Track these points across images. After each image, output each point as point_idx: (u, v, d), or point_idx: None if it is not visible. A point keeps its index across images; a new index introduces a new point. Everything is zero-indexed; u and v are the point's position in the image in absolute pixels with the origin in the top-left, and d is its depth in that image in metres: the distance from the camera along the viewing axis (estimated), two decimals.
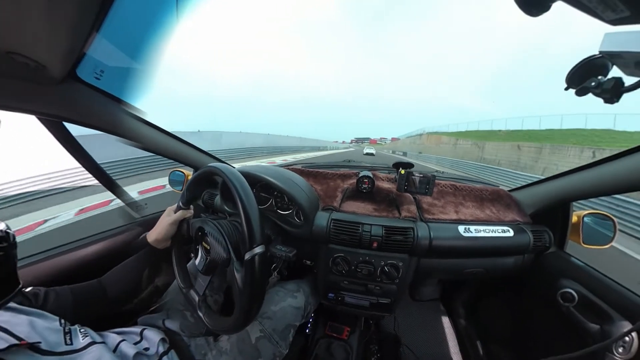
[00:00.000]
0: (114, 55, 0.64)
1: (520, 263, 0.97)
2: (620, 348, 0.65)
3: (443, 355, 1.37)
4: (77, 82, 0.64)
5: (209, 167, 0.71)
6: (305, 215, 0.91)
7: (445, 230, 0.91)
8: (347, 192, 1.10)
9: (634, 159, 0.66)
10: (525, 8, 0.39)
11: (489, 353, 1.24)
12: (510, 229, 0.92)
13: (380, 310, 1.02)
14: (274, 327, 0.83)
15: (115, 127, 0.80)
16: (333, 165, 1.43)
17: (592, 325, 0.74)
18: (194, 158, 1.19)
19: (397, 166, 1.00)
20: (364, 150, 41.17)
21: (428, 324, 1.55)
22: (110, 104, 0.76)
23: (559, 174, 0.95)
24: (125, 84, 0.76)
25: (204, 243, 0.69)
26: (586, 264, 0.88)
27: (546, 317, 0.95)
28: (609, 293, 0.75)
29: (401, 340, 1.38)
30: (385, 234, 0.88)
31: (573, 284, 0.82)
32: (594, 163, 0.79)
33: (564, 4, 0.36)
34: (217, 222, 0.70)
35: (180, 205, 0.80)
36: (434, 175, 0.95)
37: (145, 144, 0.94)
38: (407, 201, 1.03)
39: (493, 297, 1.36)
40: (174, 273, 0.79)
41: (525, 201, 1.06)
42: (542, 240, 0.94)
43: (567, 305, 0.80)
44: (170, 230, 0.77)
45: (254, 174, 0.93)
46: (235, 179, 0.63)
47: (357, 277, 0.95)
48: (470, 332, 1.39)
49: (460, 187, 1.11)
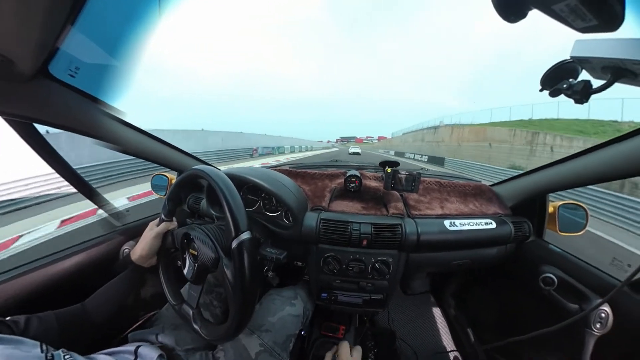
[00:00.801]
0: (91, 50, 0.59)
1: (503, 252, 1.02)
2: (598, 324, 0.70)
3: (437, 345, 1.42)
4: (49, 80, 0.59)
5: (193, 169, 0.68)
6: (294, 216, 0.91)
7: (432, 225, 0.94)
8: (335, 191, 1.11)
9: (601, 154, 0.73)
10: (504, 15, 0.42)
11: (480, 338, 1.30)
12: (492, 221, 0.97)
13: (374, 306, 1.03)
14: (275, 339, 0.79)
15: (91, 128, 0.74)
16: (321, 166, 1.44)
17: (571, 305, 0.79)
18: (177, 161, 1.14)
19: (384, 165, 1.02)
20: (350, 150, 39.15)
21: (421, 316, 1.60)
22: (85, 104, 0.70)
23: (535, 169, 1.01)
24: (102, 82, 0.71)
25: (190, 250, 0.66)
26: (563, 250, 0.94)
27: (530, 301, 1.01)
28: (585, 275, 0.82)
29: (396, 334, 1.41)
30: (374, 231, 0.89)
31: (552, 269, 0.88)
32: (566, 158, 0.85)
33: (539, 12, 0.39)
34: (203, 227, 0.67)
35: (162, 218, 0.76)
36: (419, 173, 0.99)
37: (124, 146, 0.89)
38: (394, 199, 1.05)
39: (480, 285, 1.42)
40: (163, 291, 0.74)
41: (505, 195, 1.12)
42: (522, 230, 0.99)
43: (548, 289, 0.86)
44: (154, 245, 0.72)
45: (240, 175, 0.91)
46: (221, 180, 0.61)
47: (348, 275, 0.95)
48: (461, 320, 1.45)
49: (445, 183, 1.15)
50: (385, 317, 1.51)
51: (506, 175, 2.25)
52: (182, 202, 1.23)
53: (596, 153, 0.74)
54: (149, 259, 0.73)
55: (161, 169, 1.23)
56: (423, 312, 1.62)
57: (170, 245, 0.74)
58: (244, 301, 0.57)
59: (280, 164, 1.37)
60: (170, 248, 0.75)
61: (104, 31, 0.59)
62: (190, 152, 1.21)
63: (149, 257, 0.72)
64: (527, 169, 1.06)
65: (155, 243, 0.73)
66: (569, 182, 0.85)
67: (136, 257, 0.71)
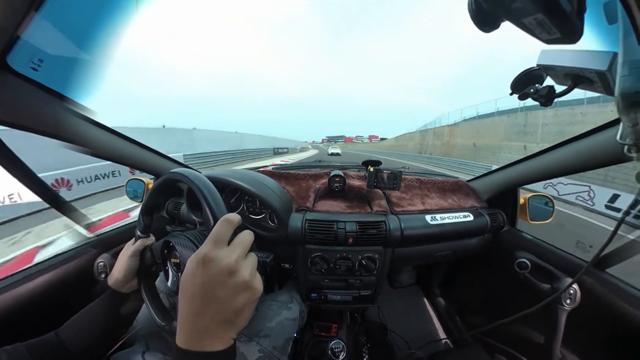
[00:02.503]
0: (57, 41, 0.52)
1: (481, 242, 1.09)
2: (568, 300, 0.78)
3: (428, 333, 1.48)
4: (7, 73, 0.52)
5: (170, 172, 0.63)
6: (279, 218, 0.90)
7: (414, 221, 0.97)
8: (320, 191, 1.11)
9: (561, 151, 0.82)
10: (479, 25, 0.45)
11: (466, 323, 1.38)
12: (470, 214, 1.03)
13: (364, 302, 1.04)
14: (274, 344, 0.78)
15: (56, 129, 0.66)
16: (304, 166, 1.44)
17: (544, 285, 0.87)
18: (154, 164, 1.08)
19: (367, 164, 1.05)
20: (329, 150, 36.63)
21: (410, 307, 1.65)
22: (50, 101, 0.62)
23: (506, 165, 1.10)
24: (70, 77, 0.62)
25: (172, 259, 0.61)
26: (534, 237, 1.03)
27: (508, 284, 1.08)
28: (554, 258, 0.90)
29: (387, 327, 1.45)
30: (360, 229, 0.91)
31: (526, 254, 0.96)
32: (532, 155, 0.95)
33: (510, 24, 0.43)
34: (185, 233, 0.63)
35: (138, 235, 0.69)
36: (401, 171, 1.03)
37: (94, 149, 0.81)
38: (377, 196, 1.08)
39: (462, 274, 1.50)
40: (148, 312, 0.66)
41: (481, 189, 1.19)
42: (497, 221, 1.07)
43: (523, 272, 0.93)
44: (131, 265, 0.65)
45: (222, 178, 0.88)
46: (202, 183, 0.57)
47: (336, 273, 0.96)
48: (448, 307, 1.54)
49: (425, 180, 1.20)
50: (376, 311, 1.55)
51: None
52: (160, 208, 1.17)
53: (557, 150, 0.84)
54: (128, 282, 0.65)
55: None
56: (412, 304, 1.68)
57: (150, 261, 0.68)
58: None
59: (256, 167, 1.34)
60: (151, 265, 0.68)
61: (74, 20, 0.52)
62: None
63: (128, 279, 0.65)
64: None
65: (133, 263, 0.66)
66: (536, 176, 0.95)
67: (113, 282, 0.64)
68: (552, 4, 0.35)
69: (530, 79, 0.56)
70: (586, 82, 0.47)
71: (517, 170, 1.04)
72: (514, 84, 0.58)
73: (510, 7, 0.37)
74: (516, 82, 0.58)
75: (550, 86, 0.53)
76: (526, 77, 0.56)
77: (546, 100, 0.53)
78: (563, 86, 0.51)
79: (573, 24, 0.37)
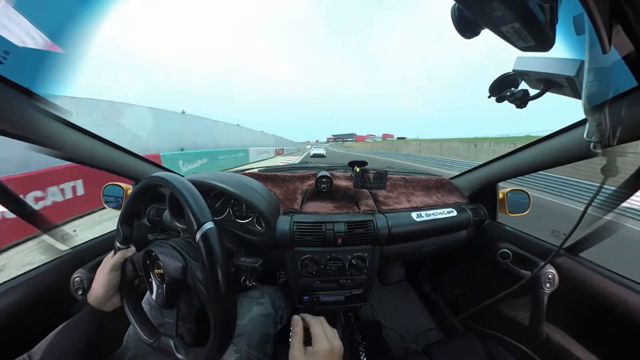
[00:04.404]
0: (26, 31, 0.47)
1: (465, 236, 1.15)
2: (547, 283, 0.86)
3: (420, 325, 1.53)
4: None
5: (150, 177, 0.61)
6: (267, 221, 0.88)
7: (401, 218, 1.00)
8: (307, 193, 1.11)
9: (534, 150, 0.90)
10: (461, 32, 0.48)
11: (455, 312, 1.44)
12: (453, 210, 1.07)
13: (356, 301, 1.05)
14: (249, 342, 0.76)
15: (23, 130, 0.61)
16: (291, 168, 1.43)
17: (524, 272, 0.94)
18: (133, 168, 1.03)
19: (353, 165, 1.05)
20: (311, 151, 33.22)
21: (401, 302, 1.70)
22: (16, 98, 0.57)
23: (485, 163, 1.17)
24: (40, 71, 0.56)
25: (156, 270, 0.58)
26: (514, 228, 1.11)
27: (493, 274, 1.14)
28: (532, 246, 0.98)
29: (381, 323, 1.48)
30: (348, 229, 0.91)
31: (507, 245, 1.04)
32: (509, 153, 1.02)
33: (489, 32, 0.46)
34: (167, 241, 0.60)
35: (117, 247, 0.65)
36: (386, 170, 1.05)
37: (66, 152, 0.75)
38: (364, 196, 1.09)
39: (449, 267, 1.57)
40: (134, 329, 0.63)
41: (462, 186, 1.25)
42: (479, 215, 1.13)
43: (505, 262, 1.01)
44: (112, 280, 0.61)
45: (205, 182, 0.85)
46: (185, 188, 0.55)
47: (327, 275, 0.96)
48: (437, 300, 1.60)
49: (410, 179, 1.23)
50: (369, 309, 1.58)
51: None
52: (141, 215, 1.11)
53: (532, 149, 0.91)
54: (109, 299, 0.61)
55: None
56: (403, 299, 1.74)
57: (132, 274, 0.64)
58: (219, 298, 0.50)
59: (242, 169, 1.32)
60: (133, 279, 0.64)
61: (45, 6, 0.47)
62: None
63: (109, 296, 0.61)
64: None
65: (113, 277, 0.61)
66: (512, 172, 1.02)
67: (92, 299, 0.59)
68: (528, 14, 0.37)
69: (506, 83, 0.60)
70: (556, 87, 0.52)
71: (495, 168, 1.11)
72: (492, 87, 0.62)
73: (490, 15, 0.40)
74: (494, 86, 0.62)
75: (525, 90, 0.57)
76: (503, 82, 0.60)
77: (521, 103, 0.57)
78: (536, 90, 0.56)
79: (546, 33, 0.41)
